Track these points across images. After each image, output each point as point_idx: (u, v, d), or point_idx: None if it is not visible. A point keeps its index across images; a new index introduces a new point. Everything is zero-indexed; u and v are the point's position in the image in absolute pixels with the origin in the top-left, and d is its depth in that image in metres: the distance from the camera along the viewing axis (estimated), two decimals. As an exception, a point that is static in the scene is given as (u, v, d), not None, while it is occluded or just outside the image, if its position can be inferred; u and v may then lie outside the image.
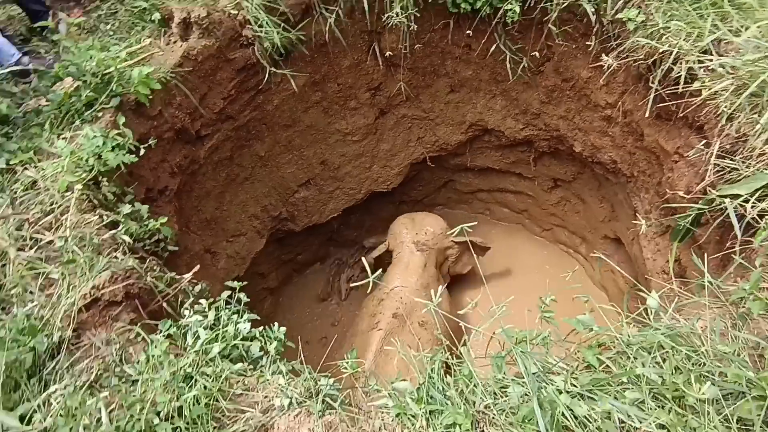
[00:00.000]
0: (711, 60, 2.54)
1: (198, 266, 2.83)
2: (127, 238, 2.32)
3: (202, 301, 2.11)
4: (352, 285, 1.81)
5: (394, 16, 3.95)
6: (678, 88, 2.81)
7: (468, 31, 4.17)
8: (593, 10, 3.36)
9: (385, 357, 4.12)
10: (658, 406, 1.42)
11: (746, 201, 2.09)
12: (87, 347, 1.90)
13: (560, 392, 1.48)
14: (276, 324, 2.17)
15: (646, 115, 3.29)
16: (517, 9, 3.69)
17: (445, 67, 4.97)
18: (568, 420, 1.39)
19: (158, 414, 1.58)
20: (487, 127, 5.51)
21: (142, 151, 2.79)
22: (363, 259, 1.76)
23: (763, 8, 2.47)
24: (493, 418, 1.46)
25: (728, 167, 2.36)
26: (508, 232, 7.02)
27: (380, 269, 1.67)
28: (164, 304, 2.35)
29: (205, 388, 1.71)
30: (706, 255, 2.68)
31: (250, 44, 3.79)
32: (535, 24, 3.96)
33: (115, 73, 2.76)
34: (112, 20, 3.54)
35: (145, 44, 3.13)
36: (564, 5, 3.50)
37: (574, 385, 1.56)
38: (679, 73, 2.79)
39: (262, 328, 2.10)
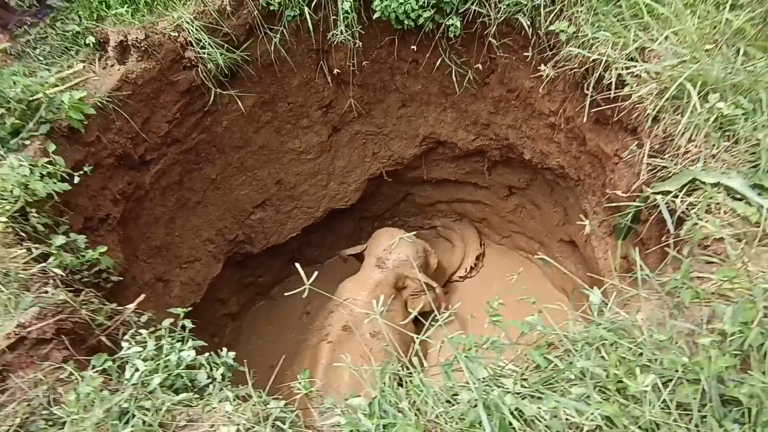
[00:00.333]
0: (636, 66, 2.69)
1: (143, 296, 2.70)
2: (58, 271, 2.18)
3: (142, 331, 2.00)
4: (286, 294, 1.78)
5: (338, 33, 3.98)
6: (610, 94, 2.94)
7: (413, 47, 4.25)
8: (529, 23, 3.51)
9: (336, 369, 4.05)
10: (604, 399, 1.44)
11: (676, 196, 2.19)
12: (12, 391, 1.75)
13: (510, 394, 1.48)
14: (224, 349, 2.07)
15: (585, 120, 3.43)
16: (458, 24, 3.81)
17: (395, 83, 5.04)
18: (517, 420, 1.38)
19: (90, 456, 1.47)
20: (440, 140, 5.60)
21: (76, 179, 2.66)
22: (297, 265, 1.71)
23: (678, 18, 2.64)
24: (444, 426, 1.44)
25: (659, 166, 2.48)
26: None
27: (315, 273, 1.64)
28: (103, 339, 2.22)
29: (143, 423, 1.61)
30: (647, 250, 2.80)
31: (193, 66, 3.73)
32: (476, 38, 4.09)
33: (44, 99, 2.63)
34: (42, 45, 3.40)
35: (78, 69, 3.01)
36: (502, 19, 3.64)
37: (525, 386, 1.57)
38: (609, 79, 2.94)
39: (208, 354, 2.00)
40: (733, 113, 2.10)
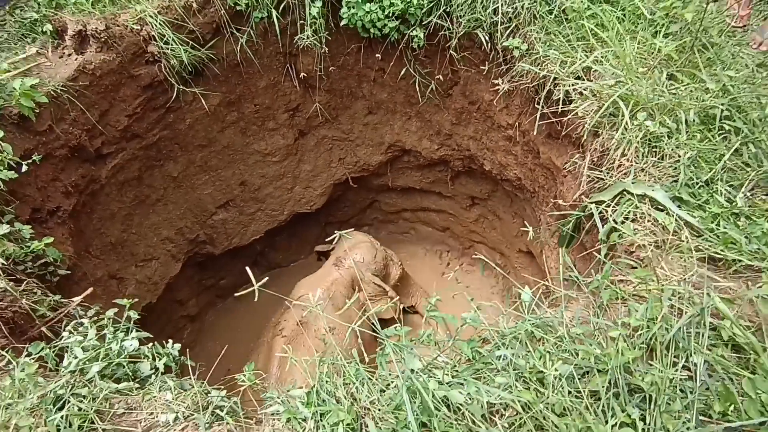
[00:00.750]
0: (580, 84, 2.87)
1: (91, 289, 2.67)
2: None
3: (84, 320, 1.98)
4: (236, 294, 1.78)
5: (305, 38, 4.05)
6: (558, 108, 3.12)
7: (378, 55, 4.36)
8: (487, 38, 3.68)
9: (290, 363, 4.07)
10: (525, 388, 1.54)
11: (609, 206, 2.36)
12: (-57, 378, 1.71)
13: (434, 380, 1.56)
14: (170, 341, 2.08)
15: (535, 133, 3.61)
16: (422, 35, 3.95)
17: (362, 90, 5.14)
18: (444, 406, 1.47)
19: (20, 441, 1.45)
20: (405, 148, 5.73)
21: (24, 168, 2.61)
22: (247, 269, 1.74)
23: (618, 42, 2.85)
24: (376, 412, 1.50)
25: (597, 178, 2.65)
26: (432, 251, 7.26)
27: (266, 278, 1.68)
28: (44, 330, 2.18)
29: (79, 409, 1.60)
30: (582, 256, 2.97)
31: (156, 61, 3.72)
32: (439, 50, 4.25)
33: (-5, 85, 2.59)
34: (-1, 32, 3.33)
35: (30, 53, 2.95)
36: (462, 33, 3.80)
37: (455, 377, 1.65)
38: (558, 95, 3.12)
39: (151, 344, 2.01)
40: (659, 131, 2.29)
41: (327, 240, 5.64)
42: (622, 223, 2.25)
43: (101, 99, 3.45)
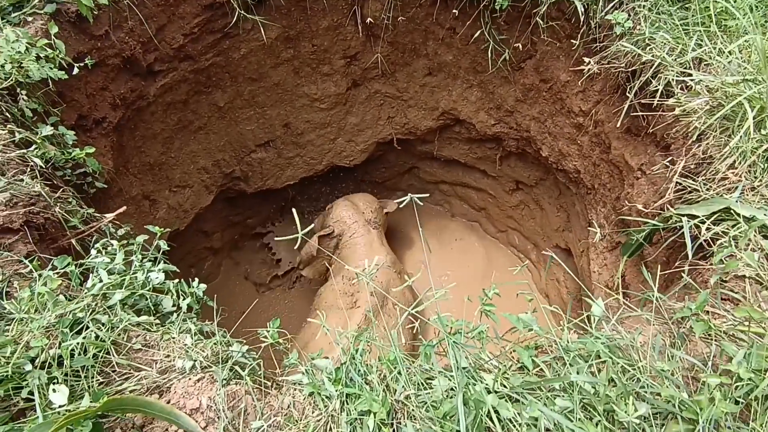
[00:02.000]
0: (690, 77, 2.49)
1: (124, 207, 2.55)
2: (39, 161, 2.02)
3: (114, 242, 1.85)
4: (278, 239, 1.64)
5: (381, -21, 3.71)
6: (653, 101, 2.76)
7: (454, 11, 3.99)
8: (583, 9, 3.27)
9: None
10: (588, 418, 1.33)
11: (702, 222, 2.05)
12: (-37, 277, 1.62)
13: (488, 392, 1.37)
14: (196, 280, 1.95)
15: (618, 125, 3.25)
16: (508, -4, 3.55)
17: (426, 48, 4.79)
18: (493, 423, 1.28)
19: (32, 360, 1.35)
20: (459, 118, 5.39)
21: (75, 70, 2.45)
22: (294, 210, 1.55)
23: (750, 33, 2.43)
24: (413, 410, 1.33)
25: (689, 187, 2.33)
26: (464, 228, 7.01)
27: (310, 225, 1.49)
28: (74, 242, 2.08)
29: (96, 337, 1.49)
30: (653, 272, 2.68)
31: (221, -20, 3.47)
32: (522, 16, 3.84)
33: (54, -26, 2.40)
34: None
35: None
36: (555, 0, 3.39)
37: (504, 386, 1.46)
38: (656, 87, 2.74)
39: (177, 281, 1.87)
40: (786, 147, 1.94)
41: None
42: (718, 242, 1.96)
43: (161, 12, 3.25)
